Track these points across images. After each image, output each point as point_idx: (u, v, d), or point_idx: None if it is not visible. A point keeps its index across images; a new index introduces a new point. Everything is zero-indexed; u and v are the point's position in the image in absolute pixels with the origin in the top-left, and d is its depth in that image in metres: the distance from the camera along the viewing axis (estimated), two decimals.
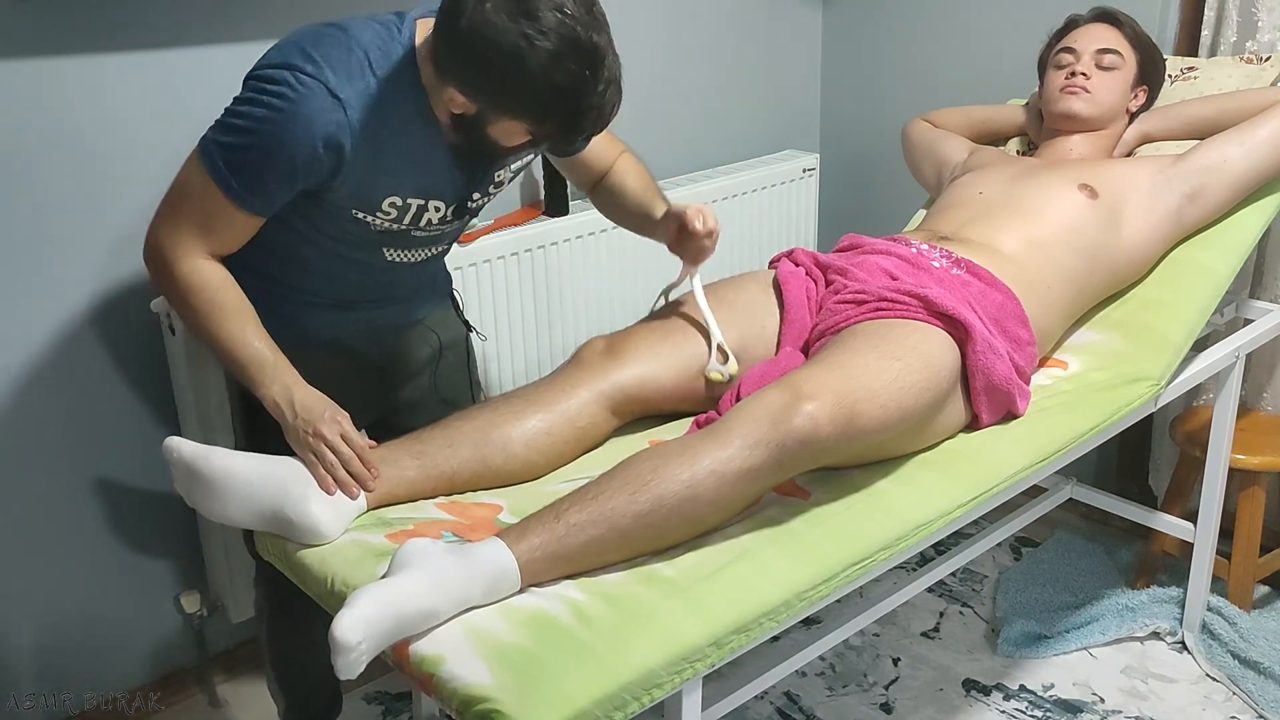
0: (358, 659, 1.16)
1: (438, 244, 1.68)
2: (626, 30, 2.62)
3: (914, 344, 1.55)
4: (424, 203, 1.54)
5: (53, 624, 2.06)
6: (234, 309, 1.49)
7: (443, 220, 1.59)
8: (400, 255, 1.64)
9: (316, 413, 1.45)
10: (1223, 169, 1.98)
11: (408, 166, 1.49)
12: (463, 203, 1.59)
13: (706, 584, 1.30)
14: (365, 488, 1.44)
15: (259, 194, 1.45)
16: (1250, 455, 2.23)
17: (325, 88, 1.39)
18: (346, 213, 1.52)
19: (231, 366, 1.50)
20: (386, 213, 1.53)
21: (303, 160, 1.41)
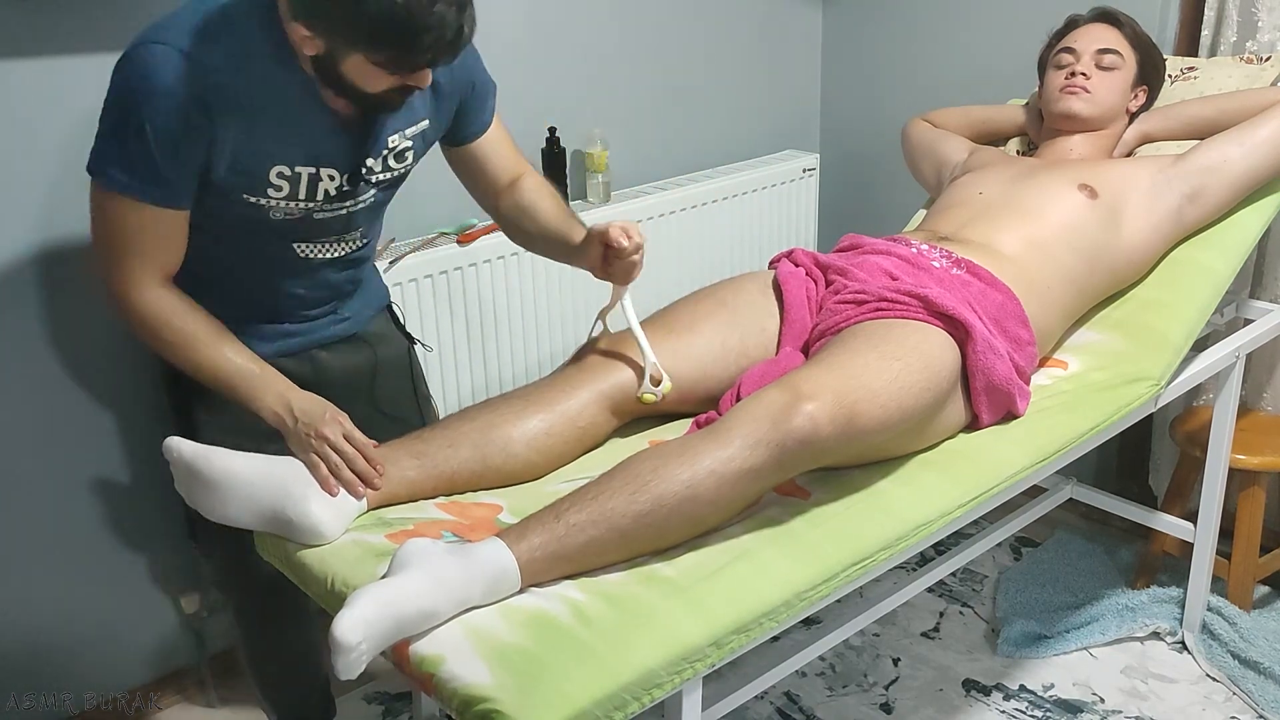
0: (358, 659, 1.16)
1: (346, 232, 1.63)
2: (627, 31, 2.63)
3: (914, 344, 1.55)
4: (315, 171, 1.50)
5: (53, 624, 2.06)
6: (205, 333, 1.49)
7: (341, 193, 1.55)
8: (311, 250, 1.61)
9: (316, 415, 1.45)
10: (1223, 169, 1.98)
11: (288, 130, 1.46)
12: (356, 170, 1.55)
13: (706, 584, 1.30)
14: (371, 485, 1.44)
15: (157, 181, 1.42)
16: (1250, 455, 2.23)
17: (178, 53, 1.37)
18: (238, 196, 1.48)
19: (220, 388, 1.50)
20: (277, 187, 1.49)
21: (177, 129, 1.38)
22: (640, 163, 2.73)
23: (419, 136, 1.61)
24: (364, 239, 1.69)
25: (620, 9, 2.61)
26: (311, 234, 1.59)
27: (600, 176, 2.54)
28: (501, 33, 2.40)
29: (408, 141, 1.60)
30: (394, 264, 2.16)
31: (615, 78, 2.65)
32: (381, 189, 1.63)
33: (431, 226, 2.36)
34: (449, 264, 2.27)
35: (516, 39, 2.43)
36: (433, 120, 1.62)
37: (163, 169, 1.41)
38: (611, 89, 2.64)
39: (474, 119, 1.69)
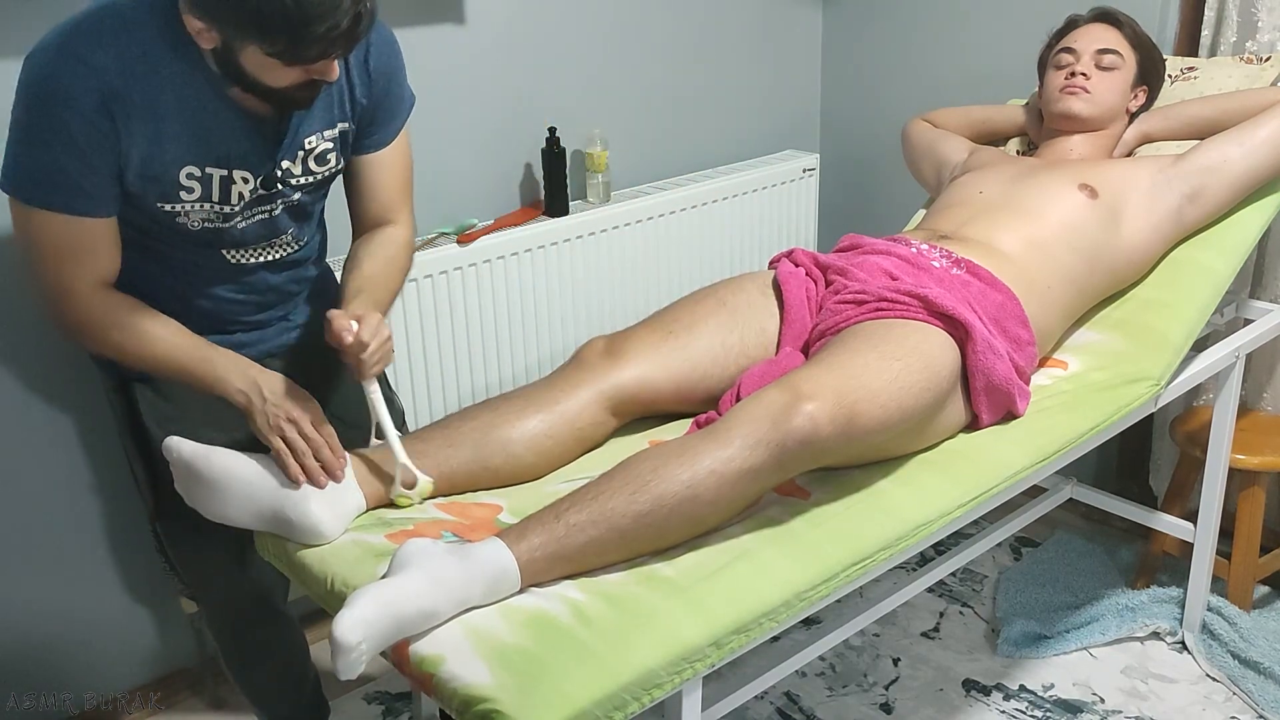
0: (358, 659, 1.16)
1: (274, 236, 1.57)
2: (627, 31, 2.63)
3: (914, 344, 1.55)
4: (227, 173, 1.45)
5: (53, 624, 2.06)
6: (155, 324, 1.46)
7: (257, 197, 1.49)
8: (242, 255, 1.56)
9: (288, 396, 1.42)
10: (1223, 169, 1.98)
11: (195, 130, 1.41)
12: (271, 173, 1.48)
13: (706, 584, 1.30)
14: (334, 477, 1.42)
15: (74, 192, 1.37)
16: (1250, 455, 2.23)
17: (74, 58, 1.32)
18: (151, 204, 1.44)
19: (182, 378, 1.46)
20: (189, 189, 1.43)
21: (82, 137, 1.33)
22: (640, 163, 2.73)
23: (339, 138, 1.54)
24: (297, 242, 1.62)
25: (620, 9, 2.61)
26: (238, 241, 1.54)
27: (600, 176, 2.54)
28: (502, 33, 2.41)
29: (327, 143, 1.53)
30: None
31: (615, 78, 2.65)
32: (304, 191, 1.56)
33: (431, 227, 2.36)
34: (449, 264, 2.27)
35: (516, 39, 2.43)
36: (350, 123, 1.55)
37: (77, 178, 1.36)
38: (611, 89, 2.64)
39: (376, 130, 1.58)
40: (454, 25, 2.32)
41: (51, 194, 1.37)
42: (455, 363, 2.34)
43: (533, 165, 2.53)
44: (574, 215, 2.48)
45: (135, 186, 1.41)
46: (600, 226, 2.51)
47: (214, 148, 1.43)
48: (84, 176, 1.37)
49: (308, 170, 1.53)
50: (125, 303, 1.46)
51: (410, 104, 1.63)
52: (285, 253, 1.61)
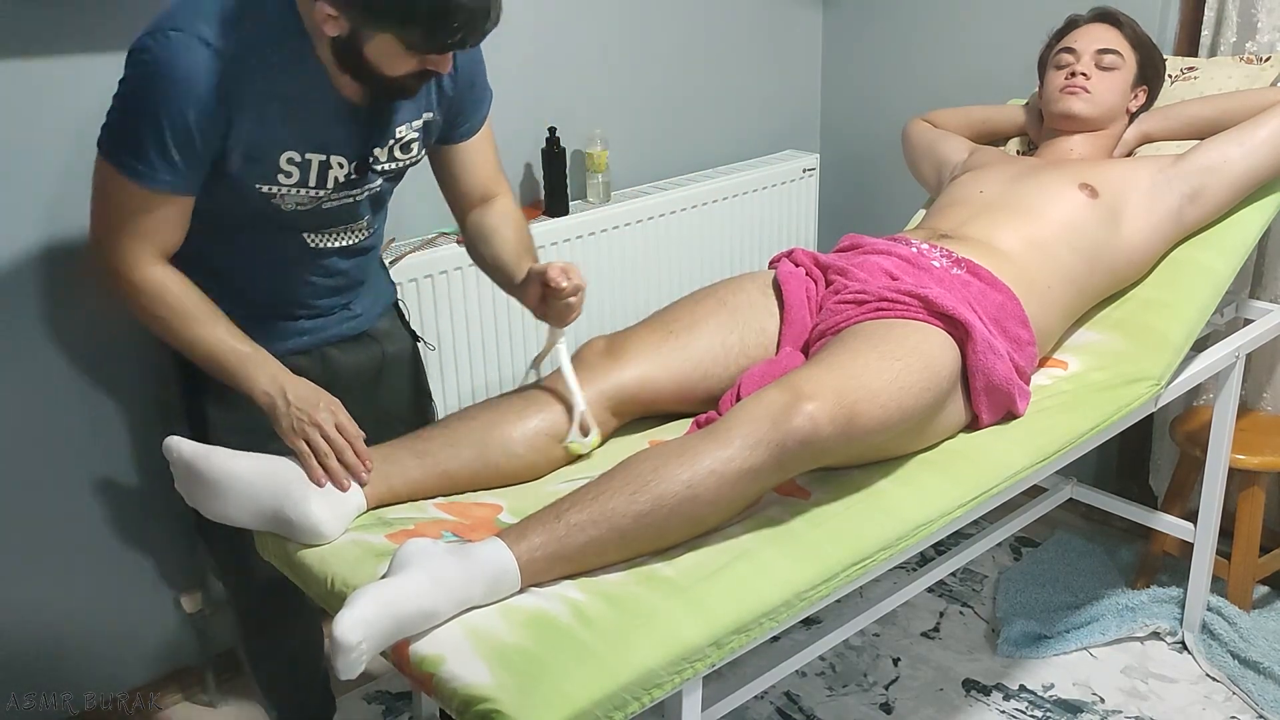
0: (358, 659, 1.16)
1: (353, 221, 1.63)
2: (627, 31, 2.63)
3: (914, 344, 1.55)
4: (325, 159, 1.50)
5: (53, 624, 2.06)
6: (200, 311, 1.48)
7: (349, 181, 1.55)
8: (320, 240, 1.61)
9: (311, 401, 1.45)
10: (1223, 169, 1.98)
11: (299, 117, 1.46)
12: (364, 159, 1.55)
13: (706, 584, 1.30)
14: (358, 480, 1.44)
15: (167, 169, 1.41)
16: (1250, 455, 2.23)
17: (195, 39, 1.36)
18: (250, 188, 1.48)
19: (211, 368, 1.49)
20: (288, 173, 1.48)
21: (193, 117, 1.37)
22: (640, 163, 2.73)
23: (424, 129, 1.61)
24: (369, 229, 1.69)
25: (621, 9, 2.61)
26: (320, 223, 1.59)
27: (600, 176, 2.54)
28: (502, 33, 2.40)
29: (414, 133, 1.60)
30: (394, 264, 2.16)
31: (615, 78, 2.65)
32: (387, 179, 1.63)
33: (431, 227, 2.36)
34: (449, 264, 2.27)
35: (517, 39, 2.43)
36: (435, 114, 1.62)
37: (175, 158, 1.40)
38: (611, 89, 2.64)
39: (464, 121, 1.67)
40: None
41: (143, 168, 1.40)
42: (455, 362, 2.34)
43: (533, 165, 2.54)
44: (574, 215, 2.48)
45: (236, 168, 1.45)
46: (600, 226, 2.51)
47: (315, 134, 1.48)
48: (182, 158, 1.40)
49: (393, 158, 1.59)
50: (177, 282, 1.48)
51: (491, 94, 1.71)
52: (358, 239, 1.66)
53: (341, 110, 1.49)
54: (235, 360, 1.48)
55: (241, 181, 1.47)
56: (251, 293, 1.60)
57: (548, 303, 1.58)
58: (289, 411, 1.44)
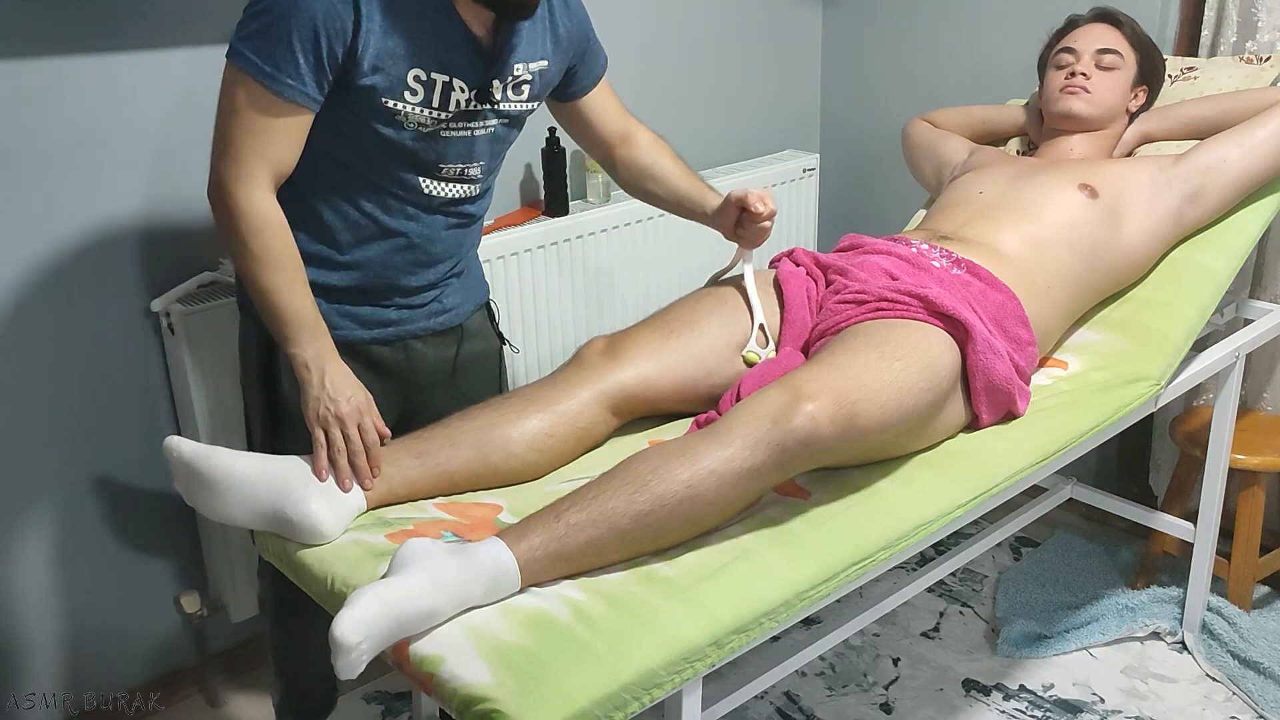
0: (358, 659, 1.16)
1: (470, 163, 1.63)
2: (628, 30, 2.63)
3: (914, 344, 1.55)
4: (448, 80, 1.52)
5: (53, 623, 2.06)
6: (290, 261, 1.48)
7: (470, 110, 1.57)
8: (437, 187, 1.61)
9: (345, 393, 1.45)
10: (1222, 169, 1.98)
11: (426, 34, 1.48)
12: (485, 88, 1.57)
13: (706, 584, 1.30)
14: (362, 485, 1.44)
15: (294, 73, 1.42)
16: (1250, 455, 2.23)
17: None
18: (377, 103, 1.49)
19: (270, 317, 1.48)
20: (414, 90, 1.50)
21: (324, 17, 1.40)
22: None
23: (539, 74, 1.63)
24: (483, 181, 1.69)
25: (620, 9, 2.61)
26: (439, 157, 1.59)
27: (600, 176, 2.54)
28: None
29: (529, 75, 1.62)
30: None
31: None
32: (502, 122, 1.64)
33: None
34: None
35: None
36: (550, 63, 1.65)
37: (301, 60, 1.41)
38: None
39: (585, 74, 1.76)
40: None
41: (269, 69, 1.41)
42: None
43: (533, 165, 2.53)
44: (574, 215, 2.49)
45: (366, 78, 1.46)
46: (600, 226, 2.51)
47: (439, 54, 1.50)
48: (308, 61, 1.42)
49: (507, 97, 1.61)
50: (281, 223, 1.48)
51: (605, 55, 1.81)
52: (472, 190, 1.67)
53: (464, 38, 1.52)
54: (296, 321, 1.47)
55: (370, 95, 1.48)
56: (351, 265, 1.60)
57: (744, 226, 1.75)
58: (320, 395, 1.45)
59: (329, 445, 1.43)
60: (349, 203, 1.58)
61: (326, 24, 1.41)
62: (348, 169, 1.56)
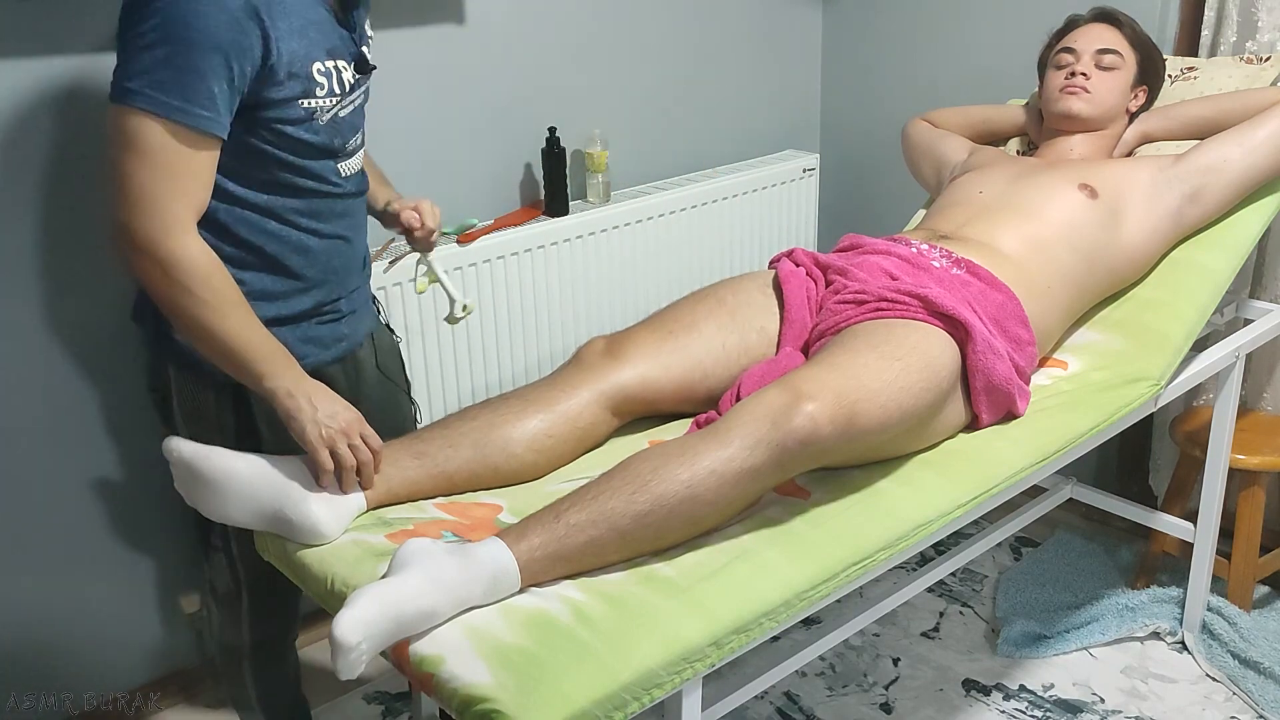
0: (358, 659, 1.16)
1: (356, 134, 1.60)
2: (627, 30, 2.63)
3: (914, 344, 1.55)
4: (335, 64, 1.49)
5: (53, 624, 2.06)
6: (238, 296, 1.42)
7: (356, 83, 1.55)
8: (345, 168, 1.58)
9: (337, 410, 1.43)
10: (1223, 169, 1.98)
11: (307, 23, 1.44)
12: (359, 59, 1.54)
13: (706, 584, 1.30)
14: (365, 486, 1.44)
15: (207, 103, 1.34)
16: (1250, 455, 2.23)
17: None
18: (296, 108, 1.44)
19: (236, 361, 1.42)
20: (321, 84, 1.46)
21: (229, 39, 1.32)
22: (640, 163, 2.73)
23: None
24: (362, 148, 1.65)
25: (620, 9, 2.61)
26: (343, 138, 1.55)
27: (600, 176, 2.54)
28: (502, 33, 2.41)
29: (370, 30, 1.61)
30: (394, 264, 2.15)
31: (615, 78, 2.65)
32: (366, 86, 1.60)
33: None
34: (449, 264, 2.27)
35: (516, 39, 2.43)
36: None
37: (214, 88, 1.33)
38: (611, 89, 2.64)
39: None
40: (454, 25, 2.32)
41: (180, 104, 1.32)
42: (455, 362, 2.34)
43: (533, 165, 2.54)
44: (574, 215, 2.49)
45: (282, 87, 1.41)
46: (600, 226, 2.51)
47: (323, 42, 1.47)
48: (218, 86, 1.34)
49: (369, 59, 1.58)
50: (218, 262, 1.41)
51: None
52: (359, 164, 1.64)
53: (330, 17, 1.49)
54: (264, 354, 1.41)
55: (287, 103, 1.43)
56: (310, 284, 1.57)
57: (409, 236, 1.78)
58: (315, 418, 1.41)
59: (340, 464, 1.41)
60: (287, 224, 1.53)
61: (234, 46, 1.33)
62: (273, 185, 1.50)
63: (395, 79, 2.23)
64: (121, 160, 1.35)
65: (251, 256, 1.52)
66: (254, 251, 1.52)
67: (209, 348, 1.43)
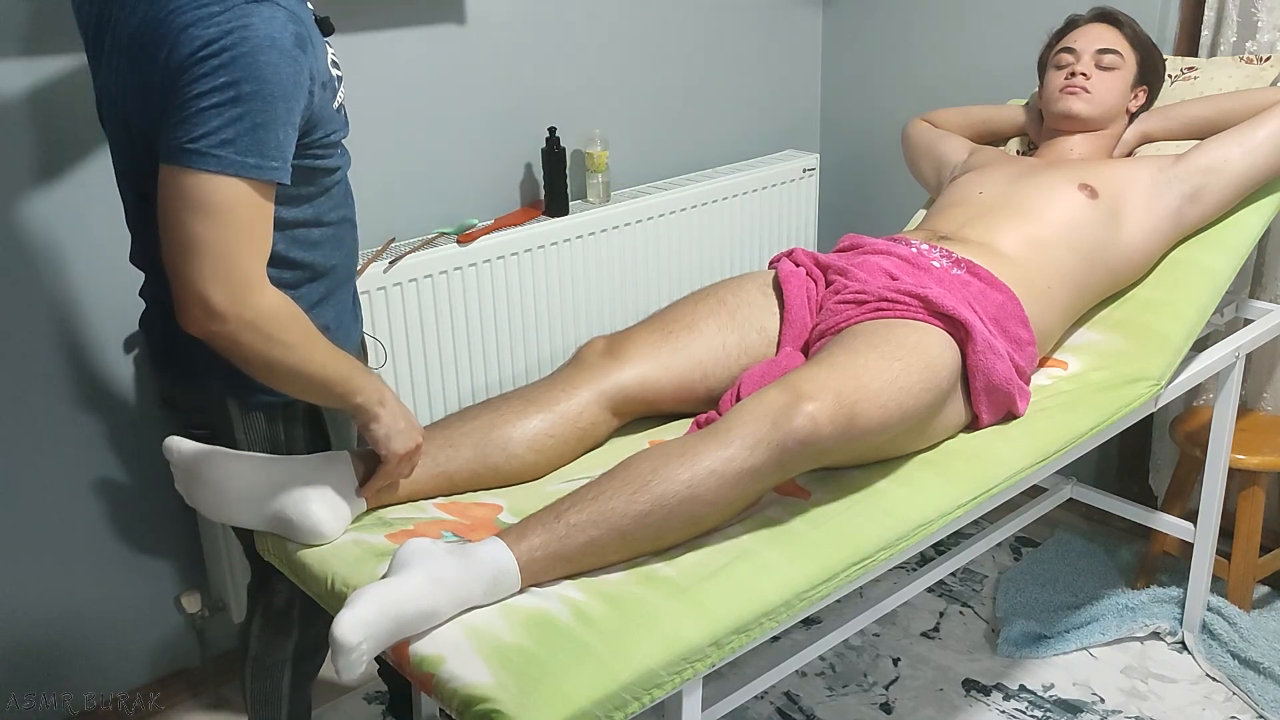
0: (358, 659, 1.16)
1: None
2: (627, 30, 2.63)
3: (914, 344, 1.55)
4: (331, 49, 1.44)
5: (54, 624, 2.06)
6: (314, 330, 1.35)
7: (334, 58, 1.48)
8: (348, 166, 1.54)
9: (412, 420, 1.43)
10: (1223, 169, 1.98)
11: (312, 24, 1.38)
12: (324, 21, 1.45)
13: (706, 584, 1.30)
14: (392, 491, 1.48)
15: (273, 152, 1.27)
16: (1250, 455, 2.23)
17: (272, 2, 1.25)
18: (331, 113, 1.39)
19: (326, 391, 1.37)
20: (337, 76, 1.42)
21: (293, 85, 1.26)
22: (640, 163, 2.73)
23: None
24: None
25: (620, 9, 2.61)
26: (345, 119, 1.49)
27: (600, 176, 2.54)
28: (502, 33, 2.41)
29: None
30: (394, 264, 2.16)
31: (615, 78, 2.65)
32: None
33: (431, 226, 2.36)
34: (449, 264, 2.27)
35: (516, 39, 2.43)
36: None
37: (279, 135, 1.27)
38: (611, 89, 2.64)
39: None
40: (454, 25, 2.32)
41: (253, 159, 1.25)
42: (455, 363, 2.34)
43: (533, 165, 2.53)
44: (574, 215, 2.48)
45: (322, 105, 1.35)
46: (600, 226, 2.51)
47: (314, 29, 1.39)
48: (283, 130, 1.28)
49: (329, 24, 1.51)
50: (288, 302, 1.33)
51: None
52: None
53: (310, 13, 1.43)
54: (348, 373, 1.37)
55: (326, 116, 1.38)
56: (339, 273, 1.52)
57: None
58: (405, 429, 1.40)
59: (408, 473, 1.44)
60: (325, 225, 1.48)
61: (296, 89, 1.27)
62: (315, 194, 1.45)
63: (396, 79, 2.23)
64: (190, 225, 1.25)
65: (303, 272, 1.47)
66: (304, 267, 1.47)
67: (298, 386, 1.36)
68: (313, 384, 1.35)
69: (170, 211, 1.26)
